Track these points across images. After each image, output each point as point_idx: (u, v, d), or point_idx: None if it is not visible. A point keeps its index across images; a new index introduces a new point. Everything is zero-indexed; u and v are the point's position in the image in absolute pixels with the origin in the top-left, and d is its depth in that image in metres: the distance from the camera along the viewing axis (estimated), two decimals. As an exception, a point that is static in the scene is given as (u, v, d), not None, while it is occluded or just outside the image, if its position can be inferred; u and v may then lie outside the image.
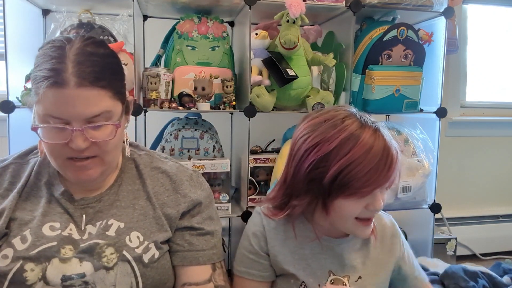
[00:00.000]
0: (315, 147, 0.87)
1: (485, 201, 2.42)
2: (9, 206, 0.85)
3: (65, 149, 0.80)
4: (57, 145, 0.80)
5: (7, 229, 0.83)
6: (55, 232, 0.84)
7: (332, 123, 0.88)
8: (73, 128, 0.78)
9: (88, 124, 0.80)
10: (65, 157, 0.82)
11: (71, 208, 0.88)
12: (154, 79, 1.44)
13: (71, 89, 0.76)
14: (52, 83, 0.76)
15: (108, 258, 0.83)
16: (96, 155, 0.83)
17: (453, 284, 1.40)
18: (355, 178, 0.83)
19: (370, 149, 0.84)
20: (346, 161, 0.84)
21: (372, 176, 0.83)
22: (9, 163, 0.93)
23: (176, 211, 0.92)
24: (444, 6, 1.64)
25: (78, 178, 0.84)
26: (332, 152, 0.85)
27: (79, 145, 0.79)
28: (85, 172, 0.83)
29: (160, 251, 0.88)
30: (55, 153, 0.82)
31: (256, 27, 1.64)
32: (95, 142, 0.81)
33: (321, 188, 0.87)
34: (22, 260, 0.80)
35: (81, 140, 0.79)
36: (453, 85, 2.32)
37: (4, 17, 1.38)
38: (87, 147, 0.81)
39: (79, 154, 0.81)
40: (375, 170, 0.83)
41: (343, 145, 0.84)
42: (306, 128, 0.91)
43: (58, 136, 0.80)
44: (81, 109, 0.78)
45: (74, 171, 0.83)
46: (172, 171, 0.97)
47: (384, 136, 0.87)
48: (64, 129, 0.79)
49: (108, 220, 0.87)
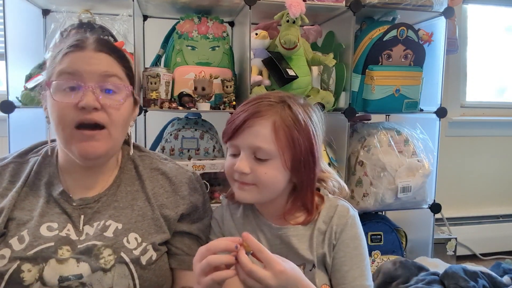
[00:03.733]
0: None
1: (485, 201, 2.42)
2: (7, 205, 0.84)
3: (75, 112, 0.81)
4: (67, 109, 0.81)
5: (5, 229, 0.82)
6: (53, 233, 0.83)
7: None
8: (85, 86, 0.82)
9: (100, 83, 0.84)
10: (73, 125, 0.82)
11: (69, 209, 0.87)
12: (154, 79, 1.44)
13: (90, 51, 0.84)
14: (74, 47, 0.84)
15: (106, 259, 0.82)
16: (104, 125, 0.84)
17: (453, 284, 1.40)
18: (227, 121, 0.90)
19: (247, 102, 0.91)
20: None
21: (227, 125, 0.89)
22: (9, 162, 0.92)
23: (175, 213, 0.92)
24: (444, 6, 1.64)
25: (84, 151, 0.83)
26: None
27: (90, 102, 0.80)
28: (92, 143, 0.83)
29: (158, 253, 0.88)
30: (64, 119, 0.82)
31: (256, 27, 1.64)
32: (105, 107, 0.83)
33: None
34: (19, 261, 0.79)
35: (92, 98, 0.81)
36: (453, 85, 2.32)
37: (4, 17, 1.38)
38: (96, 109, 0.82)
39: (87, 117, 0.82)
40: (230, 119, 0.89)
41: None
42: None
43: (69, 96, 0.82)
44: (95, 67, 0.84)
45: (81, 142, 0.83)
46: (171, 173, 0.97)
47: (259, 102, 0.89)
48: (76, 88, 0.82)
49: (106, 221, 0.87)
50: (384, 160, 1.62)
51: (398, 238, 1.73)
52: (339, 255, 0.89)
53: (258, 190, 0.87)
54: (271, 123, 0.85)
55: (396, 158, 1.64)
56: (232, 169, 0.88)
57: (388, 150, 1.65)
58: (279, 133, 0.84)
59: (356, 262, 0.88)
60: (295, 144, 0.86)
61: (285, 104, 0.87)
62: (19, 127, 1.43)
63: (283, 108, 0.86)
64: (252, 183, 0.86)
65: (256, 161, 0.86)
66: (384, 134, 1.68)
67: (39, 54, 1.57)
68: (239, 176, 0.87)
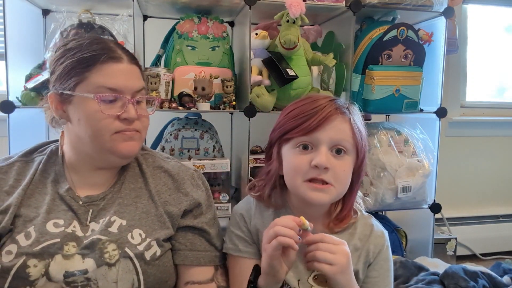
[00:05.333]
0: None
1: (485, 201, 2.42)
2: (14, 202, 0.86)
3: (115, 123, 0.87)
4: (108, 120, 0.86)
5: (12, 226, 0.84)
6: (59, 229, 0.85)
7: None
8: (128, 98, 0.88)
9: (136, 96, 0.89)
10: (112, 131, 0.87)
11: (75, 206, 0.89)
12: (154, 79, 1.44)
13: (126, 64, 0.89)
14: (109, 58, 0.87)
15: (110, 254, 0.84)
16: (138, 130, 0.90)
17: (453, 284, 1.40)
18: (288, 118, 0.91)
19: (309, 97, 0.93)
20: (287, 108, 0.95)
21: (299, 120, 0.89)
22: (15, 161, 0.94)
23: (178, 209, 0.93)
24: (444, 6, 1.64)
25: (126, 150, 0.89)
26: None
27: (133, 115, 0.87)
28: (132, 143, 0.90)
29: (162, 249, 0.89)
30: (104, 128, 0.86)
31: (256, 27, 1.64)
32: (140, 117, 0.90)
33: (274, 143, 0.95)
34: (25, 256, 0.81)
35: (133, 111, 0.88)
36: (453, 85, 2.32)
37: (4, 17, 1.38)
38: (136, 119, 0.89)
39: (129, 126, 0.88)
40: (302, 114, 0.89)
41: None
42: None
43: (112, 109, 0.86)
44: (132, 82, 0.89)
45: (123, 142, 0.88)
46: (174, 170, 0.99)
47: (333, 100, 0.92)
48: (116, 101, 0.87)
49: (111, 217, 0.88)
50: (384, 160, 1.62)
51: (398, 238, 1.73)
52: (373, 275, 0.94)
53: (334, 190, 0.88)
54: (348, 120, 0.89)
55: (396, 158, 1.64)
56: (305, 166, 0.87)
57: (388, 150, 1.65)
58: (355, 130, 0.89)
59: (387, 284, 0.95)
60: (363, 145, 0.91)
61: (354, 107, 0.94)
62: (19, 127, 1.43)
63: (354, 110, 0.93)
64: (328, 183, 0.87)
65: (334, 157, 0.88)
66: (384, 134, 1.68)
67: (39, 54, 1.57)
68: (318, 173, 0.86)
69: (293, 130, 0.89)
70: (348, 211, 0.95)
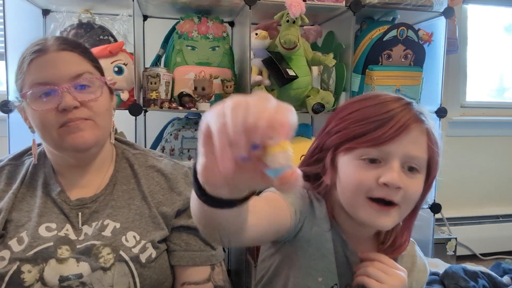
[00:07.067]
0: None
1: (485, 201, 2.42)
2: (5, 207, 0.84)
3: (56, 116, 0.82)
4: (48, 114, 0.82)
5: (3, 231, 0.82)
6: (52, 233, 0.83)
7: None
8: (60, 88, 0.82)
9: (73, 82, 0.83)
10: (57, 126, 0.82)
11: (67, 209, 0.87)
12: (154, 79, 1.44)
13: (52, 53, 0.83)
14: (36, 53, 0.82)
15: (105, 258, 0.82)
16: (88, 118, 0.85)
17: (453, 284, 1.40)
18: (351, 121, 0.74)
19: (376, 97, 0.75)
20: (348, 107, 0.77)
21: (368, 127, 0.72)
22: (4, 165, 0.92)
23: (171, 209, 0.92)
24: (444, 6, 1.64)
25: (74, 143, 0.83)
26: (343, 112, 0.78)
27: (69, 102, 0.81)
28: (80, 134, 0.83)
29: (157, 251, 0.88)
30: (47, 125, 0.83)
31: (256, 27, 1.64)
32: (84, 103, 0.84)
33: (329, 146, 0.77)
34: (19, 262, 0.79)
35: (70, 98, 0.82)
36: (453, 85, 2.32)
37: (4, 17, 1.38)
38: (77, 108, 0.82)
39: (70, 117, 0.82)
40: (371, 118, 0.72)
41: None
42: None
43: (47, 103, 0.82)
44: (63, 69, 0.83)
45: (70, 135, 0.83)
46: (167, 170, 0.96)
47: (409, 105, 0.74)
48: (51, 93, 0.82)
49: (104, 221, 0.87)
50: (384, 160, 1.62)
51: (398, 238, 1.73)
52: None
53: (400, 212, 0.74)
54: (425, 130, 0.74)
55: (396, 158, 1.64)
56: (371, 183, 0.71)
57: (388, 150, 1.65)
58: (431, 143, 0.74)
59: None
60: (437, 161, 0.76)
61: (427, 112, 0.77)
62: (19, 127, 1.42)
63: (429, 116, 0.76)
64: (397, 204, 0.72)
65: (405, 174, 0.72)
66: (384, 134, 1.68)
67: (39, 54, 1.57)
68: (387, 192, 0.71)
69: (359, 139, 0.72)
70: (406, 239, 0.82)
